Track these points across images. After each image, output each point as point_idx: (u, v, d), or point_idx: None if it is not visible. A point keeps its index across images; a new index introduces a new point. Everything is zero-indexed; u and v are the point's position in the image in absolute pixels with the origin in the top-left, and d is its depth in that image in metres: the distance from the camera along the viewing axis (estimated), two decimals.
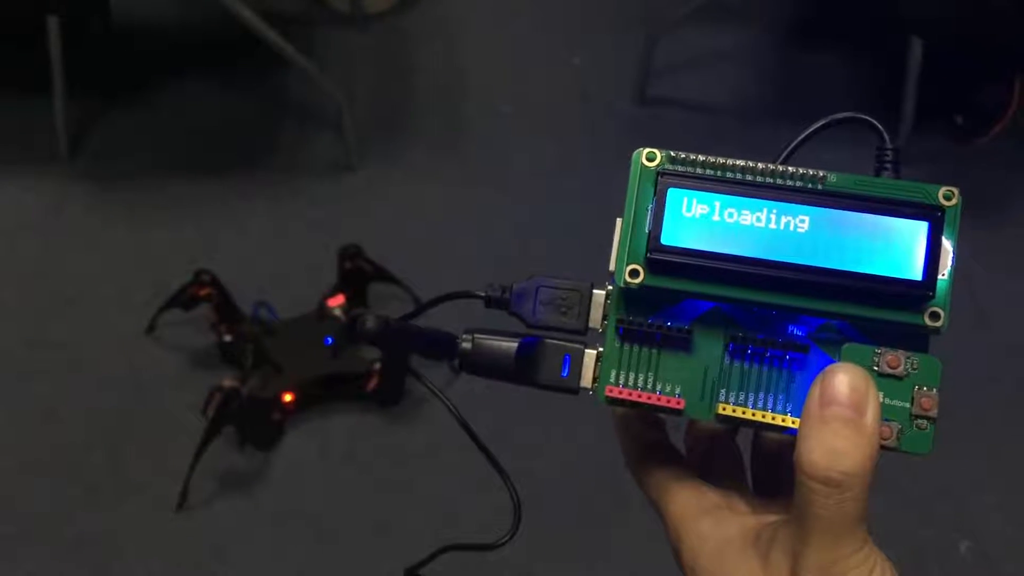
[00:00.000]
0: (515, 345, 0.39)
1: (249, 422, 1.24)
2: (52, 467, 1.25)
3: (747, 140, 1.69)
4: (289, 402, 1.28)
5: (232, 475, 1.24)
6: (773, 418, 0.37)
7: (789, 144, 0.40)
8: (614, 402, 0.38)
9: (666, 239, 0.36)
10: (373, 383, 1.29)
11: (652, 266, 0.36)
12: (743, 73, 1.87)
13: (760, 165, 0.37)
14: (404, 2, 1.97)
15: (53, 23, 1.54)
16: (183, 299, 1.32)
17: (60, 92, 1.60)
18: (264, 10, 1.57)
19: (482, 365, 0.39)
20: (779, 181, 0.37)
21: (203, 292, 1.31)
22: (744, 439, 0.43)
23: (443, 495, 1.24)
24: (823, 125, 0.40)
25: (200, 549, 1.18)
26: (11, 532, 1.19)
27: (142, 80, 1.80)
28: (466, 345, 0.39)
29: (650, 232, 0.36)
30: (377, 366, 1.29)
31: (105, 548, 1.18)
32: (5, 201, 1.59)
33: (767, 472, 0.42)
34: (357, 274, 1.37)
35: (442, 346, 0.40)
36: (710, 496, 0.39)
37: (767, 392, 0.37)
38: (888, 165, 0.39)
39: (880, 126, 0.39)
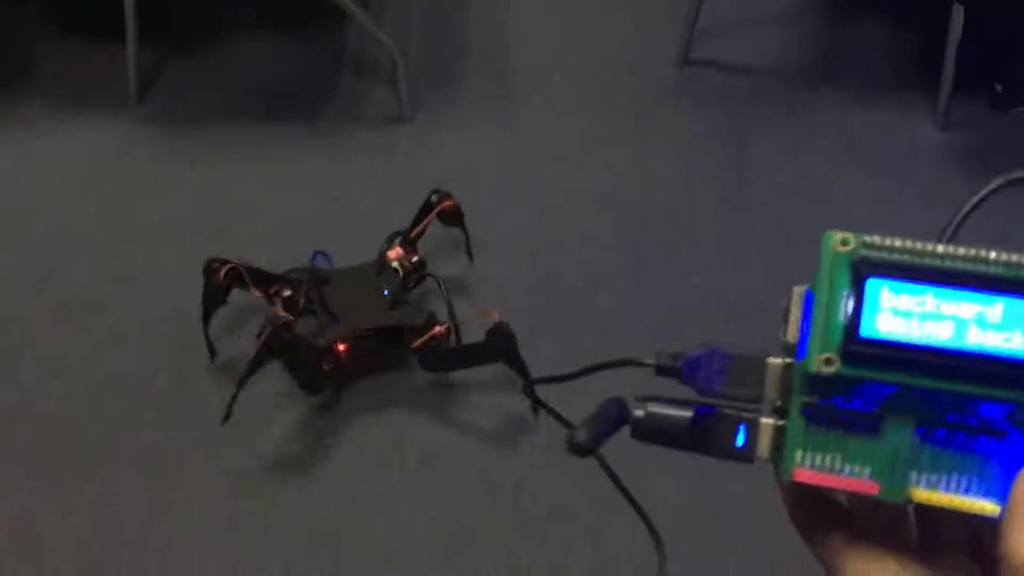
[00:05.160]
0: (689, 415, 0.38)
1: (298, 360, 1.24)
2: (121, 391, 1.33)
3: (790, 100, 1.72)
4: (343, 350, 1.26)
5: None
6: (971, 505, 0.36)
7: (957, 214, 0.41)
8: (803, 486, 0.37)
9: (864, 331, 0.35)
10: (423, 340, 1.26)
11: (848, 357, 0.35)
12: (786, 37, 1.89)
13: (960, 251, 0.35)
14: None
15: None
16: (212, 295, 1.29)
17: (132, 39, 1.68)
18: None
19: (655, 433, 0.38)
20: (979, 268, 0.35)
21: (221, 274, 1.28)
22: None
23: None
24: (996, 188, 0.41)
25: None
26: (80, 450, 1.27)
27: (209, 30, 1.87)
28: (639, 413, 0.38)
29: (847, 323, 0.35)
30: (438, 328, 1.26)
31: (167, 463, 1.25)
32: (78, 143, 1.67)
33: (930, 529, 0.41)
34: (440, 213, 1.36)
35: (615, 415, 0.39)
36: (890, 563, 0.38)
37: (960, 474, 0.36)
38: None
39: None
